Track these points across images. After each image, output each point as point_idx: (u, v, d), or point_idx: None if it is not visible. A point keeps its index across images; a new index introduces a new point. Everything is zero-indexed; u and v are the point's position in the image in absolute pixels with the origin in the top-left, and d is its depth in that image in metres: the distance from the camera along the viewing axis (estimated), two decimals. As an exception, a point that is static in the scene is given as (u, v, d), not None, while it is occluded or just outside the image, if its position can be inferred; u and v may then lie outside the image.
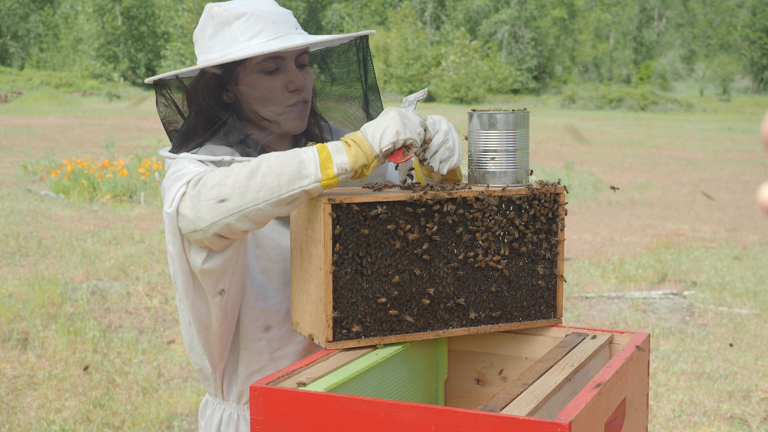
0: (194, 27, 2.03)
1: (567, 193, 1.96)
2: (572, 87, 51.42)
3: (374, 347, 1.82)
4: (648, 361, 1.97)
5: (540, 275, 1.94)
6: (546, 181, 1.93)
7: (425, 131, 1.82)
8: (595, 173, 15.45)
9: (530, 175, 1.95)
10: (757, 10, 61.20)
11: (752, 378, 5.40)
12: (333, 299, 1.77)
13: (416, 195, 1.80)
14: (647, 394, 1.98)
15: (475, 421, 1.45)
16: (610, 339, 1.97)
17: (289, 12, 2.01)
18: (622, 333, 1.98)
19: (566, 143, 21.57)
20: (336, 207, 1.75)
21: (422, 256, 1.82)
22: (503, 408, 1.53)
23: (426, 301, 1.84)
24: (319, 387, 1.61)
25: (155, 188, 11.87)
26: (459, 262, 1.86)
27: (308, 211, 1.81)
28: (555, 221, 1.94)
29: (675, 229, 10.50)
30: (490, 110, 1.91)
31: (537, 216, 1.92)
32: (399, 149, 1.78)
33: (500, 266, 1.89)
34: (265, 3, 1.99)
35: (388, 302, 1.81)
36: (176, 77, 1.99)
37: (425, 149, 1.84)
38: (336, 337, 1.78)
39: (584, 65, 60.82)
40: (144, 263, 7.88)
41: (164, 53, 51.06)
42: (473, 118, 1.92)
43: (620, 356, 1.78)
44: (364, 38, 2.07)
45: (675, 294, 7.28)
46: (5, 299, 6.56)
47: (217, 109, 1.98)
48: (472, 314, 1.89)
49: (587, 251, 9.00)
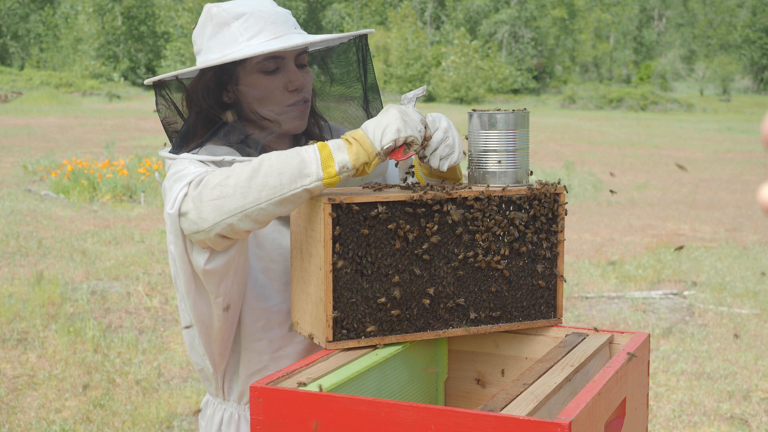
0: (193, 27, 2.03)
1: (567, 193, 1.96)
2: (572, 87, 51.41)
3: (374, 347, 1.82)
4: (648, 361, 1.97)
5: (540, 275, 1.94)
6: (546, 181, 1.93)
7: (425, 128, 1.82)
8: (595, 173, 15.44)
9: (530, 176, 1.95)
10: (757, 10, 61.20)
11: (752, 378, 5.40)
12: (333, 299, 1.77)
13: (416, 195, 1.80)
14: (647, 394, 1.98)
15: (475, 421, 1.45)
16: (610, 339, 1.97)
17: (288, 12, 2.01)
18: (622, 333, 1.98)
19: (566, 143, 21.57)
20: (336, 207, 1.75)
21: (422, 256, 1.82)
22: (503, 408, 1.53)
23: (426, 301, 1.84)
24: (320, 387, 1.61)
25: (155, 188, 11.87)
26: (459, 262, 1.86)
27: (308, 211, 1.81)
28: (555, 221, 1.94)
29: (675, 229, 10.50)
30: (490, 110, 1.91)
31: (537, 216, 1.92)
32: (400, 147, 1.78)
33: (500, 266, 1.89)
34: (264, 3, 1.98)
35: (388, 302, 1.81)
36: (176, 78, 1.99)
37: (425, 146, 1.84)
38: (336, 337, 1.78)
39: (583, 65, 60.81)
40: (144, 263, 7.88)
41: (164, 53, 51.07)
42: (473, 118, 1.92)
43: (620, 356, 1.78)
44: (364, 37, 2.07)
45: (675, 294, 7.28)
46: (5, 299, 6.56)
47: (217, 110, 1.98)
48: (472, 314, 1.89)
49: (587, 251, 9.00)
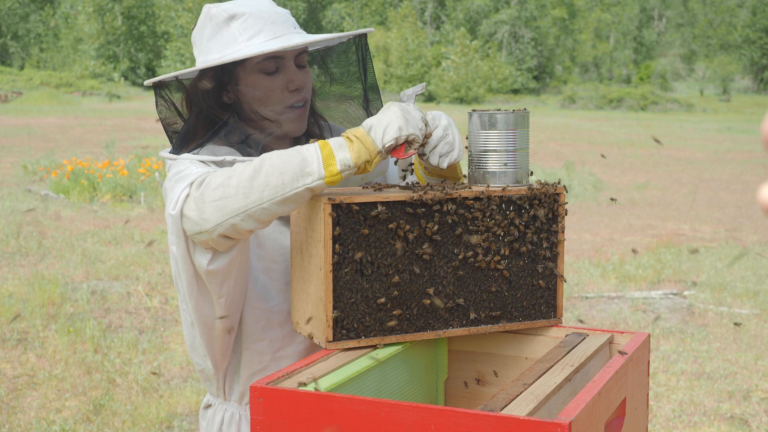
0: (193, 28, 2.03)
1: (567, 193, 1.96)
2: (572, 87, 51.41)
3: (374, 347, 1.82)
4: (648, 361, 1.97)
5: (540, 275, 1.94)
6: (546, 181, 1.93)
7: (426, 126, 1.82)
8: (595, 173, 15.44)
9: (530, 176, 1.95)
10: (757, 10, 61.20)
11: (752, 378, 5.40)
12: (333, 299, 1.77)
13: (416, 195, 1.80)
14: (647, 394, 1.98)
15: (475, 421, 1.45)
16: (610, 339, 1.97)
17: (287, 12, 2.01)
18: (622, 333, 1.97)
19: (566, 143, 21.56)
20: (336, 207, 1.75)
21: (422, 256, 1.82)
22: (503, 408, 1.53)
23: (426, 302, 1.84)
24: (320, 387, 1.61)
25: (155, 188, 11.87)
26: (459, 262, 1.86)
27: (308, 211, 1.81)
28: (555, 221, 1.94)
29: (675, 229, 10.50)
30: (490, 110, 1.91)
31: (537, 216, 1.92)
32: (401, 145, 1.78)
33: (500, 266, 1.89)
34: (264, 3, 1.98)
35: (388, 302, 1.81)
36: (176, 78, 1.98)
37: (425, 144, 1.84)
38: (336, 337, 1.78)
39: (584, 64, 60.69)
40: (144, 263, 7.88)
41: (164, 53, 51.07)
42: (473, 118, 1.92)
43: (620, 356, 1.78)
44: (363, 37, 2.06)
45: (675, 294, 7.28)
46: (5, 299, 6.56)
47: (218, 110, 1.98)
48: (472, 314, 1.89)
49: (587, 251, 9.00)
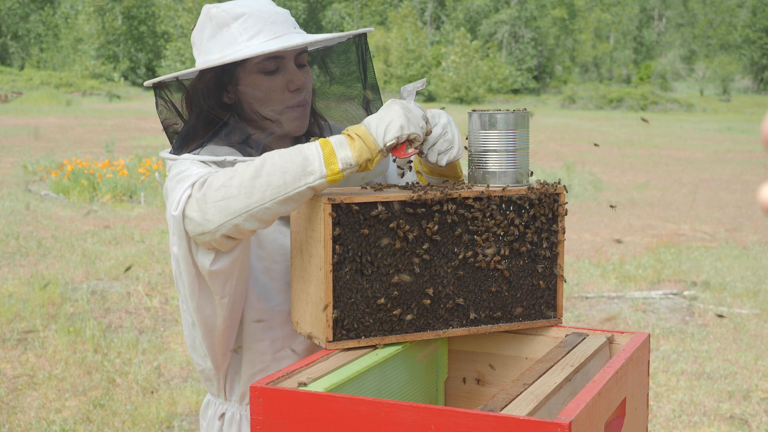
0: (192, 28, 2.03)
1: (567, 193, 1.96)
2: (572, 87, 51.41)
3: (374, 347, 1.82)
4: (648, 361, 1.97)
5: (540, 275, 1.94)
6: (546, 181, 1.93)
7: (426, 124, 1.81)
8: (595, 173, 15.44)
9: (530, 176, 1.95)
10: (757, 10, 61.21)
11: (752, 378, 5.40)
12: (333, 299, 1.77)
13: (416, 195, 1.80)
14: (647, 394, 1.98)
15: (475, 421, 1.45)
16: (610, 339, 1.97)
17: (287, 11, 2.01)
18: (622, 333, 1.97)
19: (566, 143, 21.56)
20: (336, 207, 1.75)
21: (422, 256, 1.82)
22: (503, 408, 1.53)
23: (426, 302, 1.84)
24: (320, 387, 1.61)
25: (155, 188, 11.87)
26: (459, 262, 1.86)
27: (308, 211, 1.81)
28: (555, 221, 1.94)
29: (675, 229, 10.50)
30: (490, 110, 1.91)
31: (537, 216, 1.91)
32: (402, 144, 1.78)
33: (500, 266, 1.89)
34: (263, 3, 1.98)
35: (388, 302, 1.81)
36: (176, 79, 1.98)
37: (424, 141, 1.84)
38: (336, 337, 1.78)
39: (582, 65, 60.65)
40: (144, 263, 7.88)
41: (164, 53, 51.07)
42: (473, 118, 1.92)
43: (620, 356, 1.78)
44: (363, 36, 2.06)
45: (675, 294, 7.28)
46: (5, 299, 6.56)
47: (218, 110, 1.98)
48: (472, 314, 1.89)
49: (587, 251, 9.00)
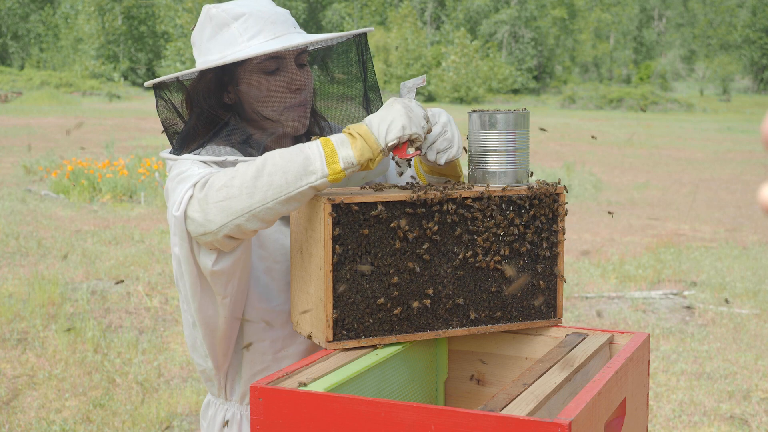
0: (192, 29, 2.03)
1: (567, 193, 1.96)
2: (572, 87, 51.42)
3: (374, 347, 1.82)
4: (648, 361, 1.97)
5: (540, 275, 1.94)
6: (546, 181, 1.93)
7: (427, 123, 1.81)
8: (595, 173, 15.44)
9: (530, 176, 1.95)
10: (757, 10, 61.21)
11: (752, 378, 5.40)
12: (333, 299, 1.77)
13: (416, 195, 1.80)
14: (647, 394, 1.98)
15: (475, 421, 1.45)
16: (610, 339, 1.97)
17: (287, 11, 2.01)
18: (622, 333, 1.98)
19: (566, 143, 21.56)
20: (336, 207, 1.75)
21: (422, 256, 1.82)
22: (503, 408, 1.53)
23: (427, 302, 1.84)
24: (320, 387, 1.61)
25: (155, 188, 11.87)
26: (459, 262, 1.86)
27: (308, 211, 1.81)
28: (555, 221, 1.94)
29: (675, 229, 10.50)
30: (490, 110, 1.91)
31: (537, 216, 1.92)
32: (404, 143, 1.78)
33: (501, 266, 1.89)
34: (263, 3, 1.98)
35: (388, 302, 1.81)
36: (176, 79, 1.98)
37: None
38: (336, 337, 1.78)
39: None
40: (144, 263, 7.88)
41: (164, 53, 51.08)
42: (473, 118, 1.92)
43: (620, 356, 1.78)
44: (363, 36, 2.06)
45: (675, 294, 7.28)
46: (5, 299, 6.56)
47: (219, 111, 1.98)
48: (472, 314, 1.89)
49: (587, 251, 9.00)
